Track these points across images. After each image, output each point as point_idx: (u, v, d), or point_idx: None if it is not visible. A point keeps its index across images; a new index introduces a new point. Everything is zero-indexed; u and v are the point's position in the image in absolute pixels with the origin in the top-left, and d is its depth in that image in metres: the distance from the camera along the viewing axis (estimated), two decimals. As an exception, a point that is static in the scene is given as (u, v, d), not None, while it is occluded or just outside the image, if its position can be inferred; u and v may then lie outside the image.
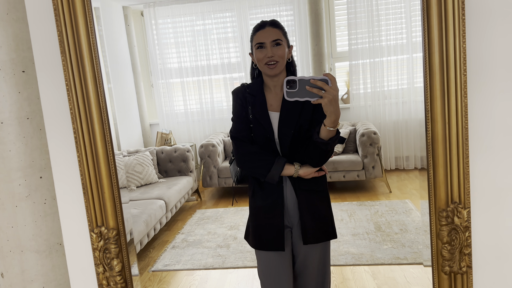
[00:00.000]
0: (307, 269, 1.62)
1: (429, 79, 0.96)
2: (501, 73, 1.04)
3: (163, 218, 3.49)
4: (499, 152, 1.07)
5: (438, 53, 0.95)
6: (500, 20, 1.01)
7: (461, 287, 1.04)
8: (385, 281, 2.52)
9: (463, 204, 1.02)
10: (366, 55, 4.89)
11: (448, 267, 1.03)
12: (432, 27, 0.94)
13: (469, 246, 1.03)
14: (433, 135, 0.99)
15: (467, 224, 1.02)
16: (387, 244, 2.99)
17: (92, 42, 0.96)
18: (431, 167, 1.00)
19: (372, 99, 4.96)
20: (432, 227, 1.02)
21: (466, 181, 1.01)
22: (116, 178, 1.00)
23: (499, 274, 1.11)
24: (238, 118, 1.55)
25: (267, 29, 1.49)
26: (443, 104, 0.97)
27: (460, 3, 0.92)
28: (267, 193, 1.55)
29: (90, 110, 0.97)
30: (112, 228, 1.01)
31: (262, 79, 1.57)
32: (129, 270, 1.03)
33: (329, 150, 1.43)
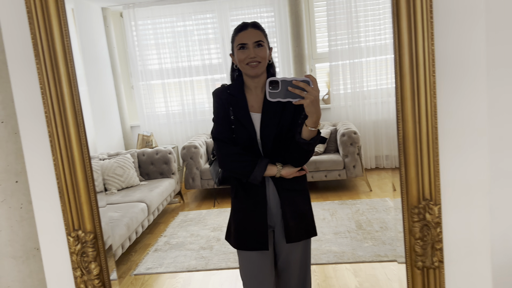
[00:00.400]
0: (290, 267, 1.64)
1: (400, 80, 1.00)
2: (468, 74, 1.08)
3: (145, 221, 3.46)
4: (467, 150, 1.10)
5: (408, 55, 0.98)
6: (467, 23, 1.05)
7: (433, 281, 1.08)
8: (366, 279, 2.56)
9: (434, 201, 1.05)
10: (345, 56, 4.96)
11: (421, 262, 1.07)
12: (402, 30, 0.97)
13: (440, 242, 1.06)
14: (404, 134, 1.02)
15: (438, 220, 1.06)
16: (368, 242, 3.04)
17: (66, 44, 0.95)
18: (403, 165, 1.03)
19: (352, 100, 5.03)
20: (405, 224, 1.05)
21: (436, 178, 1.04)
22: (93, 181, 1.00)
23: (470, 268, 1.15)
24: (219, 119, 1.56)
25: (249, 30, 1.50)
26: (413, 104, 1.01)
27: (428, 6, 0.96)
28: (249, 193, 1.56)
29: (65, 113, 0.96)
30: (89, 231, 1.01)
31: (242, 80, 1.58)
32: (107, 273, 1.02)
33: (310, 150, 1.46)
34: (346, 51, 4.94)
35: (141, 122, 5.28)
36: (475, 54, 1.07)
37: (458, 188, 1.12)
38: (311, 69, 5.19)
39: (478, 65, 1.08)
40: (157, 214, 3.80)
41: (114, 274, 1.12)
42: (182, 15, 5.07)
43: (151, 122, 5.27)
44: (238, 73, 1.60)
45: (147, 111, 5.27)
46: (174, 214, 4.10)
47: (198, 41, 5.11)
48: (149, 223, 3.56)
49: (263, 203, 1.55)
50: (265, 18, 5.04)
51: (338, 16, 4.91)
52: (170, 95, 5.27)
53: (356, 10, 4.85)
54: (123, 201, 3.48)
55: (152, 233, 3.66)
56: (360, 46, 4.90)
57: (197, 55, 5.13)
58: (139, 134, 4.99)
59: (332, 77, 5.04)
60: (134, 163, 4.08)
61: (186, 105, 5.24)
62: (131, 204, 3.40)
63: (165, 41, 5.14)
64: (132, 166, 3.99)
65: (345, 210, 3.74)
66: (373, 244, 3.00)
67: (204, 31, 5.13)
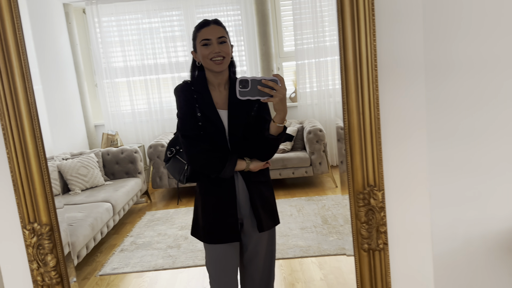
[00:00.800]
0: (257, 256, 1.69)
1: (345, 74, 1.06)
2: (407, 68, 1.16)
3: (110, 221, 3.40)
4: (407, 139, 1.19)
5: (352, 51, 1.05)
6: (406, 22, 1.13)
7: (379, 262, 1.15)
8: (331, 271, 2.63)
9: (378, 187, 1.13)
10: (311, 55, 5.04)
11: (366, 244, 1.14)
12: (346, 27, 1.03)
13: (384, 225, 1.14)
14: (350, 125, 1.09)
15: (382, 205, 1.13)
16: (333, 236, 3.12)
17: (19, 41, 0.93)
18: (348, 154, 1.09)
19: (318, 98, 5.12)
20: (352, 209, 1.12)
21: (379, 166, 1.12)
22: (48, 174, 0.99)
23: (413, 250, 1.24)
24: (186, 115, 1.56)
25: (212, 27, 1.52)
26: (358, 97, 1.08)
27: (370, 5, 1.02)
28: (220, 188, 1.59)
29: (18, 108, 0.95)
30: (45, 224, 0.99)
31: (205, 77, 1.59)
32: (64, 265, 1.01)
33: (277, 145, 1.53)
34: (312, 50, 5.02)
35: (106, 121, 5.16)
36: (414, 50, 1.15)
37: (400, 175, 1.20)
38: (278, 68, 5.24)
39: (416, 61, 1.16)
40: (123, 214, 3.74)
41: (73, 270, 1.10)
42: (147, 12, 5.00)
43: (116, 121, 5.17)
44: (199, 71, 1.61)
45: (112, 110, 5.16)
46: (141, 214, 4.05)
47: (164, 38, 5.06)
48: (115, 223, 3.50)
49: (233, 197, 1.59)
50: (231, 16, 5.05)
51: (303, 15, 4.98)
52: (135, 93, 5.18)
53: (321, 10, 4.94)
54: (87, 201, 3.40)
55: (118, 234, 3.59)
56: (325, 45, 5.00)
57: (163, 52, 5.07)
58: (104, 133, 4.88)
59: (299, 75, 5.12)
60: (98, 162, 4.00)
61: (152, 103, 5.17)
62: (96, 204, 3.33)
63: (130, 38, 5.05)
64: (96, 165, 3.91)
65: (312, 206, 3.81)
66: (337, 238, 3.08)
67: (170, 28, 5.08)
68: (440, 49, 1.37)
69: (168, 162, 1.71)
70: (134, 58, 5.08)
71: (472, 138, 1.48)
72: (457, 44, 1.40)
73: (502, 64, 1.45)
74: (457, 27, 1.39)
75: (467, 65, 1.43)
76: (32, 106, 0.96)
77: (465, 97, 1.45)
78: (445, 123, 1.44)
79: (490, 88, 1.46)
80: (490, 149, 1.49)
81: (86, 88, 5.08)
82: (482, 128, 1.47)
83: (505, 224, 1.53)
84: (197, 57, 1.58)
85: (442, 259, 1.51)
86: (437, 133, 1.43)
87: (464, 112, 1.47)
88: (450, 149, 1.46)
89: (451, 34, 1.40)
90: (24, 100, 0.94)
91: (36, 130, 0.96)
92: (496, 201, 1.53)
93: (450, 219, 1.51)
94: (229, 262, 1.65)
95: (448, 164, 1.47)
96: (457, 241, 1.53)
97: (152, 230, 3.59)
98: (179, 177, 1.67)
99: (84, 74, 5.07)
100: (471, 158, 1.49)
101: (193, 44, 1.58)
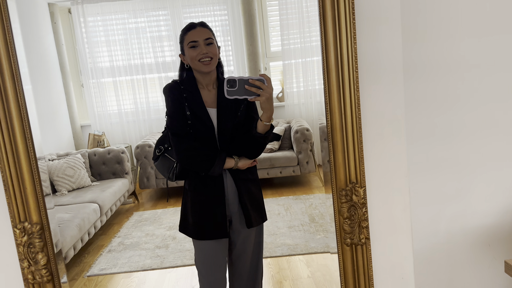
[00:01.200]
0: (245, 253, 1.72)
1: (327, 76, 1.10)
2: (387, 70, 1.21)
3: (98, 222, 3.39)
4: (387, 138, 1.24)
5: (334, 53, 1.09)
6: (384, 24, 1.18)
7: (361, 256, 1.20)
8: (318, 268, 2.67)
9: (360, 184, 1.17)
10: (298, 55, 5.08)
11: (349, 239, 1.18)
12: (328, 31, 1.07)
13: (366, 220, 1.18)
14: (332, 124, 1.13)
15: (364, 201, 1.18)
16: (320, 234, 3.16)
17: (9, 41, 0.94)
18: (331, 152, 1.13)
19: (305, 97, 5.16)
20: (335, 205, 1.16)
21: (361, 163, 1.16)
22: (38, 173, 1.00)
23: (393, 244, 1.29)
24: (175, 114, 1.59)
25: (199, 29, 1.55)
26: (339, 98, 1.12)
27: (351, 9, 1.06)
28: (209, 185, 1.62)
29: (8, 107, 0.96)
30: (35, 222, 1.01)
31: (194, 76, 1.62)
32: (55, 263, 1.03)
33: (265, 143, 1.57)
34: (299, 50, 5.06)
35: (92, 121, 5.13)
36: (392, 52, 1.21)
37: (381, 172, 1.25)
38: (265, 67, 5.27)
39: (395, 62, 1.21)
40: (110, 215, 3.72)
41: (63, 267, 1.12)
42: (133, 11, 4.98)
43: (102, 121, 5.14)
44: (187, 72, 1.64)
45: (98, 110, 5.12)
46: (129, 215, 4.04)
47: (150, 38, 5.04)
48: (102, 224, 3.49)
49: (221, 194, 1.62)
50: (218, 16, 5.06)
51: (290, 15, 5.02)
52: (122, 93, 5.15)
53: (308, 10, 4.98)
54: (74, 202, 3.38)
55: (105, 234, 3.58)
56: (312, 45, 5.04)
57: (149, 52, 5.06)
58: (90, 134, 4.85)
59: (286, 75, 5.15)
60: (85, 163, 3.97)
61: (139, 103, 5.15)
62: (83, 205, 3.31)
63: (116, 38, 5.02)
64: (83, 166, 3.88)
65: (299, 205, 3.86)
66: (324, 236, 3.12)
67: (157, 28, 5.07)
68: (417, 50, 1.42)
69: (157, 160, 1.73)
70: (121, 58, 5.06)
71: (450, 136, 1.54)
72: (433, 45, 1.45)
73: (478, 64, 1.51)
74: (434, 30, 1.45)
75: (444, 66, 1.49)
76: (22, 106, 0.97)
77: (442, 96, 1.51)
78: (424, 122, 1.49)
79: (466, 87, 1.52)
80: (469, 147, 1.55)
81: (72, 88, 5.04)
82: (460, 126, 1.53)
83: (485, 219, 1.59)
84: (185, 59, 1.61)
85: (423, 254, 1.56)
86: (416, 132, 1.48)
87: (442, 111, 1.52)
88: (430, 147, 1.52)
89: (428, 37, 1.45)
90: (14, 100, 0.95)
91: (26, 130, 0.97)
92: (475, 197, 1.59)
93: (431, 215, 1.56)
94: (217, 258, 1.68)
95: (428, 161, 1.52)
96: (438, 236, 1.58)
97: (140, 231, 3.59)
98: (168, 175, 1.69)
99: (70, 74, 5.03)
100: (450, 156, 1.54)
101: (181, 47, 1.61)
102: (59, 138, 4.79)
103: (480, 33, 1.47)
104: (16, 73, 0.96)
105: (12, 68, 0.95)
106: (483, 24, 1.47)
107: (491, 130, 1.54)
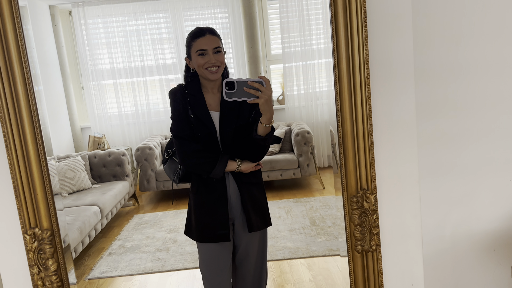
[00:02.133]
0: (248, 257, 1.71)
1: (339, 83, 1.10)
2: (398, 75, 1.21)
3: (98, 224, 3.37)
4: (398, 144, 1.24)
5: (345, 60, 1.10)
6: (397, 31, 1.18)
7: (372, 263, 1.19)
8: (319, 272, 2.66)
9: (371, 190, 1.17)
10: (298, 57, 5.09)
11: (360, 246, 1.18)
12: (340, 37, 1.07)
13: (377, 227, 1.18)
14: (343, 131, 1.13)
15: (375, 208, 1.17)
16: (321, 237, 3.16)
17: (20, 44, 0.94)
18: (342, 159, 1.13)
19: (305, 100, 5.17)
20: (346, 212, 1.16)
21: (372, 170, 1.16)
22: (49, 180, 0.99)
23: (404, 250, 1.29)
24: (179, 117, 1.60)
25: (208, 37, 1.55)
26: (351, 104, 1.12)
27: (363, 16, 1.06)
28: (211, 188, 1.62)
29: (20, 113, 0.95)
30: (46, 229, 1.00)
31: (199, 80, 1.62)
32: (65, 269, 1.02)
33: (266, 145, 1.56)
34: (299, 53, 5.07)
35: (92, 123, 5.12)
36: (404, 58, 1.21)
37: (392, 178, 1.25)
38: (265, 70, 5.28)
39: (406, 68, 1.21)
40: (111, 218, 3.71)
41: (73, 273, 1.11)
42: (134, 14, 4.98)
43: (102, 123, 5.12)
44: (192, 75, 1.64)
45: (99, 112, 5.11)
46: (129, 217, 4.03)
47: (151, 40, 5.04)
48: (103, 226, 3.47)
49: (224, 197, 1.62)
50: (219, 19, 5.06)
51: (290, 18, 5.03)
52: (122, 96, 5.14)
53: (308, 13, 4.99)
54: (75, 205, 3.37)
55: (106, 237, 3.57)
56: (312, 48, 5.05)
57: (150, 54, 5.05)
58: (90, 136, 4.83)
59: (286, 78, 5.16)
60: (85, 165, 3.96)
61: (139, 105, 5.14)
62: (83, 207, 3.30)
63: (116, 40, 5.02)
64: (83, 168, 3.87)
65: (300, 208, 3.85)
66: (326, 239, 3.12)
67: (158, 30, 5.07)
68: (427, 55, 1.42)
69: (165, 164, 1.75)
70: (121, 60, 5.05)
71: (456, 141, 1.54)
72: (445, 50, 1.45)
73: (488, 69, 1.51)
74: (445, 34, 1.45)
75: (452, 71, 1.49)
76: (34, 112, 0.96)
77: (449, 102, 1.51)
78: (430, 127, 1.49)
79: (477, 92, 1.52)
80: (475, 152, 1.55)
81: (72, 91, 5.03)
82: (466, 131, 1.53)
83: (490, 225, 1.59)
84: (191, 64, 1.61)
85: (431, 259, 1.56)
86: (426, 138, 1.48)
87: (449, 116, 1.52)
88: (436, 152, 1.52)
89: (438, 42, 1.45)
90: (26, 106, 0.94)
91: (37, 134, 0.96)
92: (480, 203, 1.59)
93: (437, 220, 1.56)
94: (221, 262, 1.67)
95: (435, 166, 1.52)
96: (443, 241, 1.58)
97: (141, 233, 3.58)
98: (173, 177, 1.71)
99: (70, 76, 5.02)
100: (456, 161, 1.54)
101: (187, 51, 1.60)
102: (60, 140, 4.78)
103: (488, 39, 1.47)
104: (27, 74, 0.95)
105: (23, 69, 0.94)
106: (492, 29, 1.47)
107: (498, 136, 1.54)
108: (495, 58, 1.49)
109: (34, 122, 0.95)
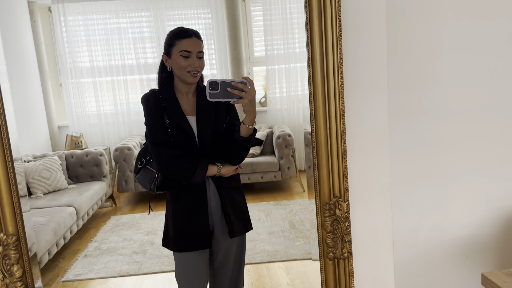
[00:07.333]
0: (227, 262, 1.69)
1: (313, 91, 1.11)
2: (371, 84, 1.23)
3: (74, 226, 3.31)
4: (371, 152, 1.26)
5: (320, 68, 1.10)
6: (371, 41, 1.20)
7: (343, 270, 1.20)
8: (297, 275, 2.67)
9: (343, 198, 1.18)
10: (281, 60, 5.10)
11: (332, 253, 1.19)
12: (315, 47, 1.08)
13: (349, 234, 1.19)
14: (317, 138, 1.14)
15: (347, 215, 1.19)
16: (300, 241, 3.17)
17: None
18: (316, 166, 1.14)
19: (287, 103, 5.18)
20: (318, 219, 1.16)
21: (345, 178, 1.18)
22: (15, 183, 0.96)
23: (375, 258, 1.30)
24: (154, 123, 1.56)
25: (194, 40, 1.53)
26: (325, 112, 1.13)
27: (337, 26, 1.08)
28: (191, 194, 1.59)
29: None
30: (11, 234, 0.97)
31: (172, 83, 1.60)
32: (31, 275, 0.99)
33: (248, 147, 1.55)
34: (282, 55, 5.08)
35: (70, 122, 5.01)
36: (377, 66, 1.22)
37: (364, 186, 1.26)
38: (248, 72, 5.27)
39: (380, 77, 1.23)
40: (87, 219, 3.64)
41: (39, 282, 1.08)
42: (115, 12, 4.91)
43: (80, 122, 5.03)
44: (167, 75, 1.61)
45: (77, 111, 5.01)
46: (106, 219, 3.96)
47: (132, 39, 4.97)
48: (78, 228, 3.41)
49: (204, 203, 1.59)
50: (202, 19, 5.03)
51: (274, 21, 5.04)
52: (102, 94, 5.06)
53: (291, 17, 5.02)
54: (50, 205, 3.29)
55: (81, 239, 3.50)
56: (295, 51, 5.07)
57: (131, 53, 4.99)
58: (68, 135, 4.74)
59: (269, 80, 5.17)
60: (61, 165, 3.88)
61: (119, 104, 5.07)
62: (59, 208, 3.23)
63: (97, 38, 4.93)
64: (59, 168, 3.79)
65: (280, 211, 3.86)
66: (304, 243, 3.13)
67: (139, 29, 5.01)
68: (402, 64, 1.44)
69: (138, 173, 1.68)
70: (101, 58, 4.97)
71: (429, 148, 1.56)
72: (416, 59, 1.48)
73: (456, 78, 1.55)
74: (416, 46, 1.48)
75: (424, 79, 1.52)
76: (0, 112, 0.92)
77: (421, 109, 1.53)
78: (403, 134, 1.52)
79: (448, 100, 1.55)
80: (447, 159, 1.58)
81: (50, 88, 4.92)
82: (438, 139, 1.56)
83: (462, 231, 1.62)
84: (169, 62, 1.58)
85: (403, 265, 1.58)
86: (400, 145, 1.50)
87: (424, 125, 1.55)
88: (409, 159, 1.54)
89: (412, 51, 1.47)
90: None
91: (3, 135, 0.93)
92: (453, 209, 1.62)
93: (410, 227, 1.58)
94: (198, 270, 1.64)
95: (407, 173, 1.54)
96: (417, 247, 1.60)
97: (117, 235, 3.52)
98: (150, 186, 1.64)
99: (49, 73, 4.91)
100: (429, 167, 1.57)
101: (168, 49, 1.56)
102: (36, 139, 4.66)
103: (462, 48, 1.51)
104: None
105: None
106: (465, 39, 1.50)
107: (470, 143, 1.57)
108: (467, 67, 1.52)
109: (0, 123, 0.92)
